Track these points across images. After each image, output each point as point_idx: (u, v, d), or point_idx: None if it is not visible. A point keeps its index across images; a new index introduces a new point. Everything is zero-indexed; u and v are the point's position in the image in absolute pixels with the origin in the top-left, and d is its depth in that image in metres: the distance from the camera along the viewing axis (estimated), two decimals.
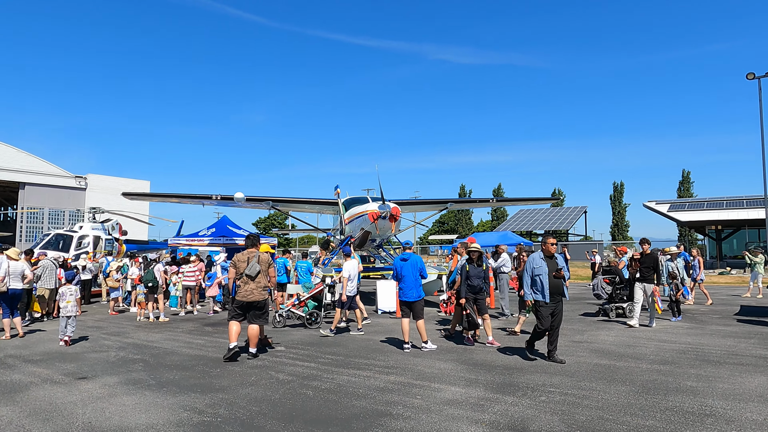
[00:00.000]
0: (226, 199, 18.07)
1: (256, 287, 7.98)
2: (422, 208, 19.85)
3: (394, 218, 14.97)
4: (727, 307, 14.30)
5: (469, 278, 8.85)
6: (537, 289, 7.41)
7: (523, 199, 19.88)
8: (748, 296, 17.30)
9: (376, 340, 9.50)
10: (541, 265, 7.38)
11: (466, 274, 8.88)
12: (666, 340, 9.23)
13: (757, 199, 36.55)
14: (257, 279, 7.97)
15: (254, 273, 7.95)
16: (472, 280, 8.84)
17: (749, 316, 12.51)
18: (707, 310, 13.50)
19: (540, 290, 7.36)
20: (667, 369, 6.95)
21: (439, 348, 8.62)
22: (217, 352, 8.58)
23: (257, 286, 7.97)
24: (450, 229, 79.69)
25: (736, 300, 16.19)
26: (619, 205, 68.56)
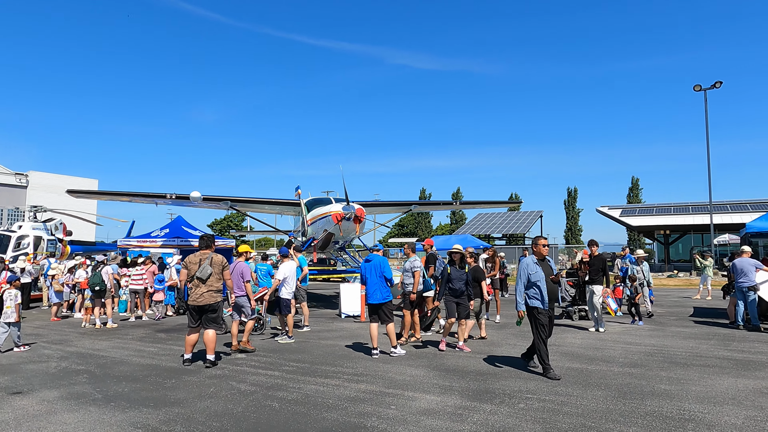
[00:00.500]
0: (182, 199, 17.22)
1: (207, 290, 7.51)
2: (386, 209, 19.58)
3: (358, 220, 14.63)
4: (681, 309, 14.72)
5: (451, 281, 8.50)
6: (534, 296, 6.86)
7: (486, 202, 19.95)
8: (698, 298, 17.94)
9: (342, 346, 9.11)
10: (537, 271, 6.85)
11: (447, 276, 8.54)
12: (631, 342, 9.29)
13: (701, 205, 38.38)
14: (208, 282, 7.52)
15: (205, 275, 7.50)
16: (454, 283, 8.48)
17: (703, 317, 12.89)
18: (664, 312, 13.82)
19: (538, 297, 6.82)
20: (639, 372, 6.91)
21: (408, 353, 8.33)
22: (172, 360, 7.98)
23: (209, 289, 7.51)
24: (410, 233, 79.85)
25: (688, 302, 16.73)
26: (573, 210, 70.56)
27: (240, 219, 74.52)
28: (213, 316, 7.64)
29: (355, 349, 8.77)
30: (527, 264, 6.94)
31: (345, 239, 16.14)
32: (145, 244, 19.53)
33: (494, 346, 8.90)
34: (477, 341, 9.43)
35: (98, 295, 12.02)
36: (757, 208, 35.87)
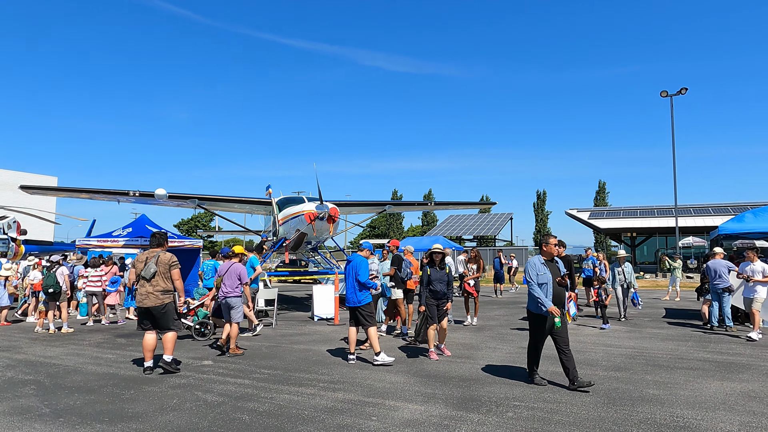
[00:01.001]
0: (146, 196, 16.38)
1: (152, 291, 7.02)
2: (360, 209, 19.17)
3: (332, 219, 14.17)
4: (653, 310, 14.82)
5: (431, 283, 8.08)
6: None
7: (460, 203, 19.76)
8: (668, 299, 18.20)
9: (316, 351, 8.67)
10: (544, 272, 6.23)
11: (427, 278, 8.11)
12: (611, 344, 9.16)
13: (666, 208, 39.41)
14: (153, 281, 7.05)
15: (149, 275, 7.02)
16: (434, 285, 8.07)
17: (676, 318, 12.99)
18: (636, 313, 13.87)
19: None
20: (624, 376, 6.73)
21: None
22: (131, 368, 7.39)
23: (153, 289, 7.02)
24: (382, 234, 79.59)
25: (658, 303, 16.92)
26: (542, 213, 71.62)
27: (208, 219, 72.66)
28: (162, 322, 7.12)
29: (330, 354, 8.34)
30: (534, 264, 6.37)
31: (318, 240, 15.65)
32: (106, 244, 18.54)
33: (474, 350, 8.62)
34: (457, 345, 9.12)
35: (52, 298, 11.23)
36: (719, 212, 37.05)
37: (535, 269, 6.27)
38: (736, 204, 38.16)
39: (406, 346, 9.02)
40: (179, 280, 7.25)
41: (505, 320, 12.57)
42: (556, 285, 6.27)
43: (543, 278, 6.22)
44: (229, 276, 8.62)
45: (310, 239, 15.19)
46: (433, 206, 19.29)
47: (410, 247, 10.97)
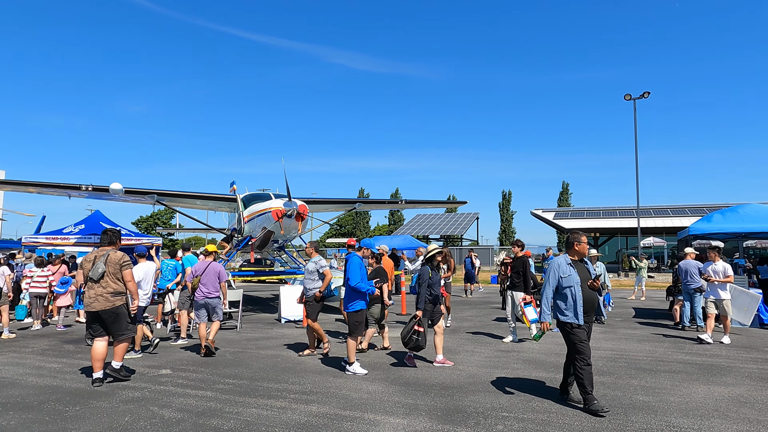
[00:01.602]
0: (100, 191, 15.36)
1: (101, 293, 6.44)
2: (329, 207, 18.60)
3: (300, 217, 13.60)
4: (621, 309, 14.87)
5: (431, 286, 7.37)
6: (565, 308, 5.40)
7: (430, 201, 19.50)
8: (634, 299, 18.41)
9: (286, 357, 8.11)
10: (570, 274, 5.42)
11: (428, 281, 7.37)
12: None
13: (627, 209, 40.42)
14: (102, 282, 6.46)
15: (96, 276, 6.44)
16: (434, 288, 7.40)
17: (646, 318, 13.03)
18: (607, 313, 13.86)
19: (571, 308, 5.35)
20: (610, 381, 6.48)
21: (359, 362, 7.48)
22: (79, 380, 6.66)
23: (103, 291, 6.44)
24: (348, 233, 78.94)
25: (625, 303, 17.04)
26: (507, 213, 72.60)
27: (169, 216, 70.25)
28: (114, 328, 6.52)
29: (300, 361, 7.80)
30: (558, 265, 5.53)
31: (285, 238, 15.03)
32: (56, 241, 17.38)
33: (451, 354, 8.25)
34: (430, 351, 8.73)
35: None
36: (677, 213, 38.25)
37: (558, 271, 5.50)
38: (694, 206, 39.47)
39: (379, 350, 8.58)
40: (132, 281, 6.67)
41: (478, 321, 12.30)
42: (586, 288, 5.46)
43: (568, 281, 5.43)
44: (207, 276, 8.45)
45: (277, 238, 14.56)
46: (403, 205, 18.94)
47: (385, 247, 10.52)
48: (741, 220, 12.17)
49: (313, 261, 8.32)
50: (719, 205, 38.62)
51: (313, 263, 8.28)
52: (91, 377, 6.50)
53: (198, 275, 8.43)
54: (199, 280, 8.36)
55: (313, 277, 8.21)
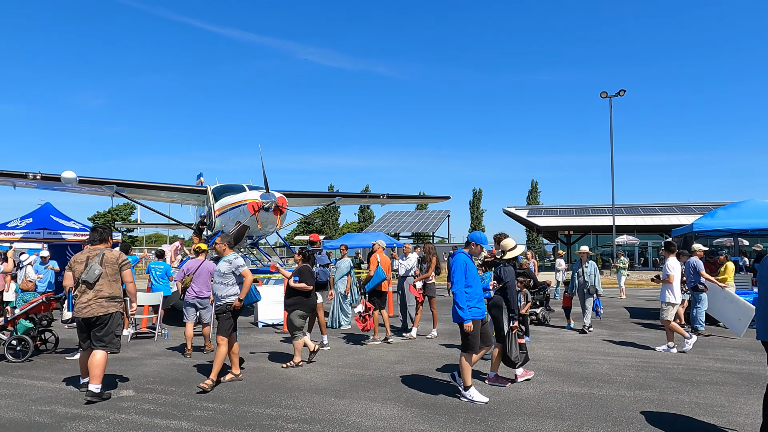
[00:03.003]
0: (50, 180, 13.70)
1: (95, 297, 5.64)
2: (307, 201, 17.40)
3: (279, 210, 12.39)
4: (613, 309, 14.31)
5: (509, 290, 6.19)
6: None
7: (414, 196, 18.57)
8: (624, 297, 17.97)
9: (271, 370, 6.95)
10: None
11: (512, 283, 6.17)
12: (607, 352, 8.17)
13: (600, 207, 40.63)
14: (97, 286, 5.67)
15: (93, 278, 5.64)
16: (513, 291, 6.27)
17: (643, 318, 12.48)
18: (605, 313, 13.22)
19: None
20: (656, 397, 5.63)
21: (357, 378, 6.42)
22: (19, 406, 5.33)
23: (98, 295, 5.66)
24: (317, 230, 77.39)
25: (614, 302, 16.52)
26: (477, 211, 72.59)
27: (129, 211, 66.87)
28: (100, 334, 5.66)
29: (290, 376, 6.66)
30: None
31: (262, 233, 13.76)
32: None
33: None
34: (433, 359, 7.74)
35: None
36: (648, 212, 38.65)
37: None
38: (665, 204, 40.00)
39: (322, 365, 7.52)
40: (133, 282, 6.06)
41: None
42: None
43: None
44: (199, 275, 8.14)
45: (252, 233, 13.28)
46: (385, 200, 17.92)
47: (382, 242, 9.46)
48: (745, 215, 11.69)
49: (226, 260, 6.45)
50: (689, 204, 39.32)
51: (226, 263, 6.41)
52: (33, 405, 5.19)
53: (190, 274, 8.11)
54: (191, 279, 8.06)
55: (226, 281, 6.36)
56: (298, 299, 7.20)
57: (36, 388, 6.07)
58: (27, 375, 6.72)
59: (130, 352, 8.13)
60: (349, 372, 6.82)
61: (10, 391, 5.93)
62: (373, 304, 8.80)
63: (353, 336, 9.76)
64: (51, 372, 6.89)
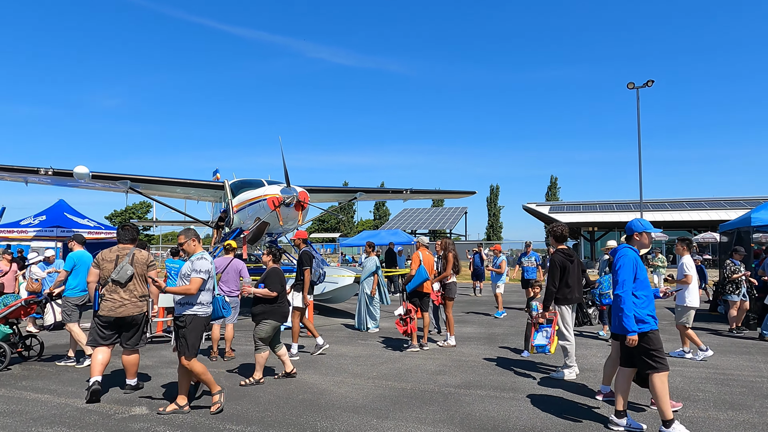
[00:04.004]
0: (62, 176, 13.16)
1: (129, 298, 5.66)
2: (328, 197, 16.71)
3: (301, 206, 11.68)
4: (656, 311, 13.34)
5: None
6: None
7: (438, 191, 17.76)
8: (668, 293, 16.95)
9: (300, 383, 6.20)
10: None
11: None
12: (672, 362, 7.27)
13: (624, 203, 39.38)
14: (130, 286, 5.68)
15: (125, 278, 5.61)
16: None
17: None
18: None
19: None
20: (755, 420, 4.77)
21: (401, 391, 5.65)
22: (17, 427, 4.66)
23: (131, 296, 5.68)
24: (331, 228, 76.84)
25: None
26: (495, 207, 71.39)
27: (145, 210, 66.97)
28: (133, 335, 5.79)
29: (323, 387, 5.91)
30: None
31: (282, 230, 13.08)
32: (11, 234, 15.09)
33: (498, 374, 6.46)
34: (466, 368, 6.94)
35: None
36: (676, 207, 37.31)
37: None
38: (692, 199, 38.63)
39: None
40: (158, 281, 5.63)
41: (510, 327, 10.55)
42: None
43: None
44: (228, 274, 7.75)
45: (272, 230, 12.60)
46: (408, 194, 17.13)
47: (424, 239, 8.67)
48: None
49: (194, 259, 5.22)
50: (718, 199, 37.89)
51: (188, 263, 5.21)
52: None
53: (219, 272, 7.58)
54: (219, 278, 7.53)
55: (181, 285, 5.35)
56: (266, 307, 6.20)
57: (39, 403, 5.41)
58: (31, 387, 6.07)
59: (144, 360, 7.46)
60: (388, 385, 6.05)
61: (10, 408, 5.26)
62: (415, 306, 8.04)
63: (385, 341, 9.00)
64: (57, 383, 6.24)
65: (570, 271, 5.94)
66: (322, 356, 7.70)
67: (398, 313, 8.17)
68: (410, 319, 8.02)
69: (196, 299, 5.10)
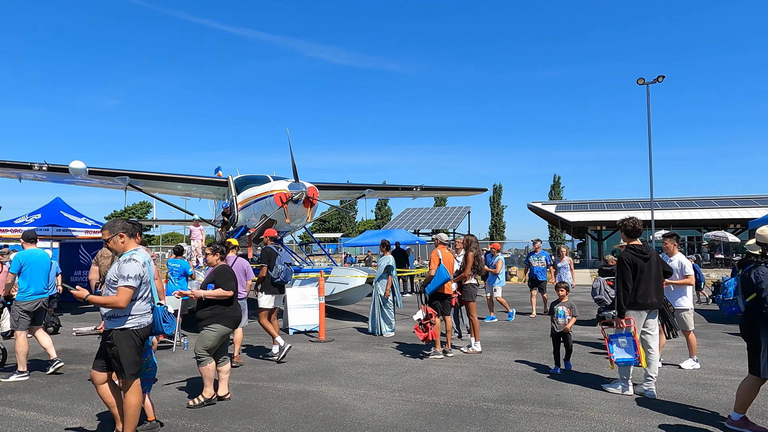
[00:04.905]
0: (57, 171, 12.51)
1: None
2: (336, 194, 16.08)
3: (310, 202, 11.04)
4: None
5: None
6: None
7: (449, 188, 17.12)
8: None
9: (319, 396, 5.55)
10: None
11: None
12: (720, 369, 6.63)
13: (632, 202, 38.74)
14: None
15: None
16: None
17: (723, 323, 10.83)
18: None
19: None
20: None
21: (433, 406, 4.99)
22: None
23: None
24: (333, 228, 76.20)
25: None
26: (498, 207, 70.75)
27: (145, 210, 66.31)
28: None
29: (344, 404, 5.26)
30: None
31: (290, 228, 12.43)
32: (5, 234, 14.42)
33: (548, 386, 5.80)
34: (511, 378, 6.28)
35: None
36: (685, 205, 36.67)
37: None
38: (702, 198, 38.02)
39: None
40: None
41: (533, 331, 9.89)
42: None
43: None
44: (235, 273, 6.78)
45: (279, 228, 11.93)
46: (418, 191, 16.48)
47: (443, 235, 8.01)
48: None
49: (121, 261, 4.17)
50: (728, 198, 37.23)
51: (115, 265, 4.21)
52: None
53: None
54: None
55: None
56: (216, 310, 5.38)
57: (23, 423, 4.75)
58: (17, 402, 5.41)
59: None
60: (417, 399, 5.39)
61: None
62: (435, 310, 7.38)
63: (402, 346, 8.35)
64: (47, 397, 5.58)
65: (644, 271, 5.20)
66: (338, 364, 7.04)
67: (417, 318, 7.52)
68: (431, 324, 7.37)
69: (128, 311, 4.06)
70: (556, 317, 6.41)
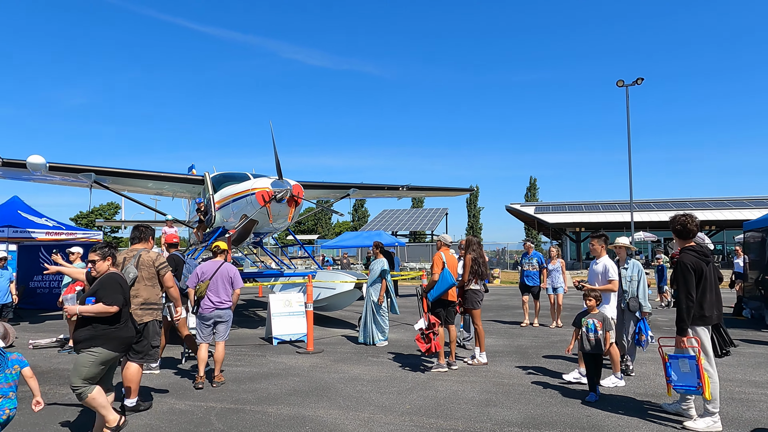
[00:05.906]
0: (13, 167, 11.37)
1: (133, 303, 5.00)
2: (320, 193, 15.23)
3: (295, 201, 10.25)
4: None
5: None
6: None
7: (437, 188, 16.51)
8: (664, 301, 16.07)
9: (315, 421, 4.81)
10: None
11: None
12: (756, 381, 6.17)
13: (610, 203, 39.03)
14: (133, 291, 5.04)
15: (128, 282, 4.83)
16: None
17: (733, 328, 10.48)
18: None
19: None
20: None
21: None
22: None
23: (135, 301, 5.09)
24: (308, 229, 74.97)
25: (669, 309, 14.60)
26: (474, 208, 70.85)
27: (113, 211, 63.69)
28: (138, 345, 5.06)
29: (344, 427, 4.53)
30: None
31: (272, 229, 11.60)
32: None
33: (575, 405, 5.21)
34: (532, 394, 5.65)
35: None
36: (662, 207, 37.08)
37: None
38: (678, 200, 38.54)
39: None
40: (174, 286, 5.49)
41: (535, 339, 9.34)
42: None
43: None
44: (217, 280, 6.33)
45: (260, 228, 11.11)
46: (405, 191, 15.84)
47: (446, 237, 7.37)
48: None
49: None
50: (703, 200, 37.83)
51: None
52: None
53: (206, 279, 6.27)
54: (207, 285, 6.22)
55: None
56: (97, 330, 4.26)
57: None
58: None
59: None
60: (431, 424, 4.71)
61: None
62: (439, 318, 6.72)
63: (399, 357, 7.67)
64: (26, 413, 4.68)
65: (707, 278, 4.44)
66: (333, 380, 6.31)
67: (419, 328, 6.84)
68: (434, 334, 6.70)
69: None
70: (586, 332, 5.54)
